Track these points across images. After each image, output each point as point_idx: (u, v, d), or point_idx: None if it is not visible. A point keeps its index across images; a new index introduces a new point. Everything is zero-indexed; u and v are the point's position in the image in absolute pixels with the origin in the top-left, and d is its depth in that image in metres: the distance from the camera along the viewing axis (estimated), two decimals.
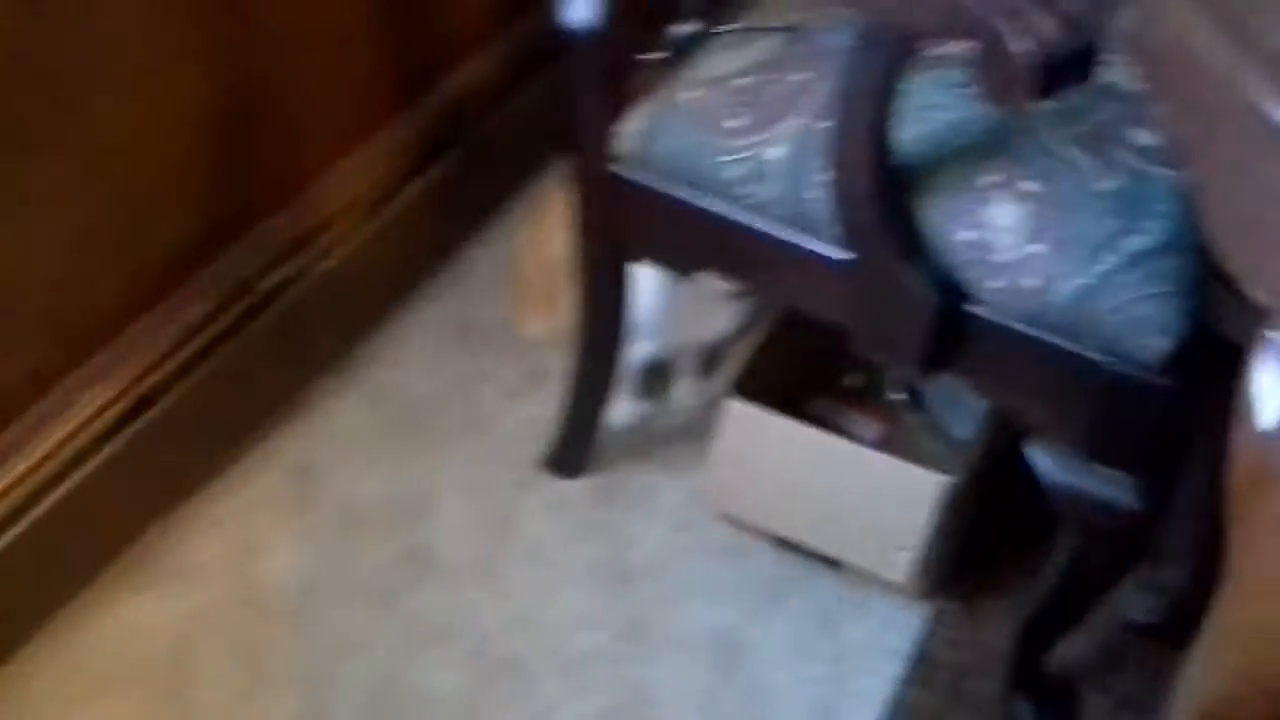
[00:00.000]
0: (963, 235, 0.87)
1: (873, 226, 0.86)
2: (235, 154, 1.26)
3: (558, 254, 1.31)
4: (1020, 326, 0.87)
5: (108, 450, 1.21)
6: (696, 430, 1.34)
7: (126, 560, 1.26)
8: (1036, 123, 0.88)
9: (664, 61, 1.05)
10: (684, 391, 1.42)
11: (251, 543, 1.29)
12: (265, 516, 1.31)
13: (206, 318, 1.29)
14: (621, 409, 1.37)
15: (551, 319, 1.37)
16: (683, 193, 0.99)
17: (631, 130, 1.01)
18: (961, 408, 1.22)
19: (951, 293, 0.88)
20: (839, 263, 0.92)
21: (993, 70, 0.70)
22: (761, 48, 0.99)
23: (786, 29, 1.00)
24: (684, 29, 1.07)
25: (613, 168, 1.03)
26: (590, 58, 0.98)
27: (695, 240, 1.02)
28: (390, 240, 1.47)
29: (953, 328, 0.89)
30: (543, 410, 1.41)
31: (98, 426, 1.20)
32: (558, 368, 1.40)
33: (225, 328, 1.31)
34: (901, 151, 0.87)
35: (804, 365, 1.36)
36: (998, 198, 0.86)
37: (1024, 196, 0.86)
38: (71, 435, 1.19)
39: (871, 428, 1.34)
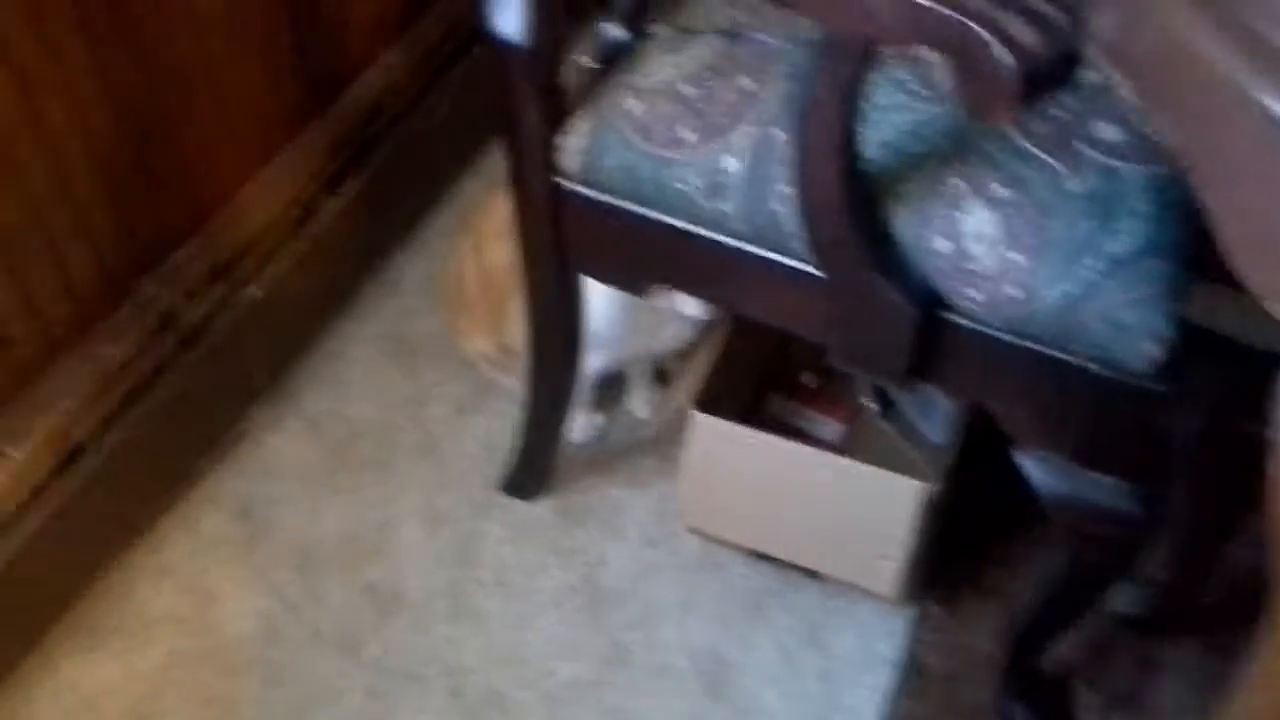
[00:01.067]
0: (937, 244, 0.82)
1: (843, 240, 0.81)
2: (140, 181, 1.18)
3: (501, 265, 1.25)
4: (1005, 335, 0.82)
5: (41, 508, 1.14)
6: (656, 441, 1.29)
7: (71, 620, 1.19)
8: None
9: (595, 68, 0.99)
10: (639, 402, 1.36)
11: (204, 590, 1.22)
12: (215, 560, 1.25)
13: (130, 358, 1.22)
14: (577, 423, 1.32)
15: (498, 334, 1.31)
16: (634, 208, 0.93)
17: (574, 145, 0.94)
18: (933, 409, 1.18)
19: (930, 303, 0.83)
20: (809, 277, 0.86)
21: (971, 83, 0.65)
22: (700, 51, 0.93)
23: (724, 31, 0.94)
24: (612, 32, 1.00)
25: (557, 182, 0.96)
26: (523, 70, 0.91)
27: (651, 257, 0.96)
28: (316, 255, 1.40)
29: (933, 338, 0.84)
30: (493, 426, 1.35)
31: (26, 484, 1.13)
32: (504, 380, 1.35)
33: (151, 366, 1.24)
34: (865, 159, 0.82)
35: (761, 366, 1.32)
36: (969, 204, 0.81)
37: (996, 202, 0.81)
38: None
39: (832, 427, 1.30)
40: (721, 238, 0.90)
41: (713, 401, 1.15)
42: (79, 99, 1.07)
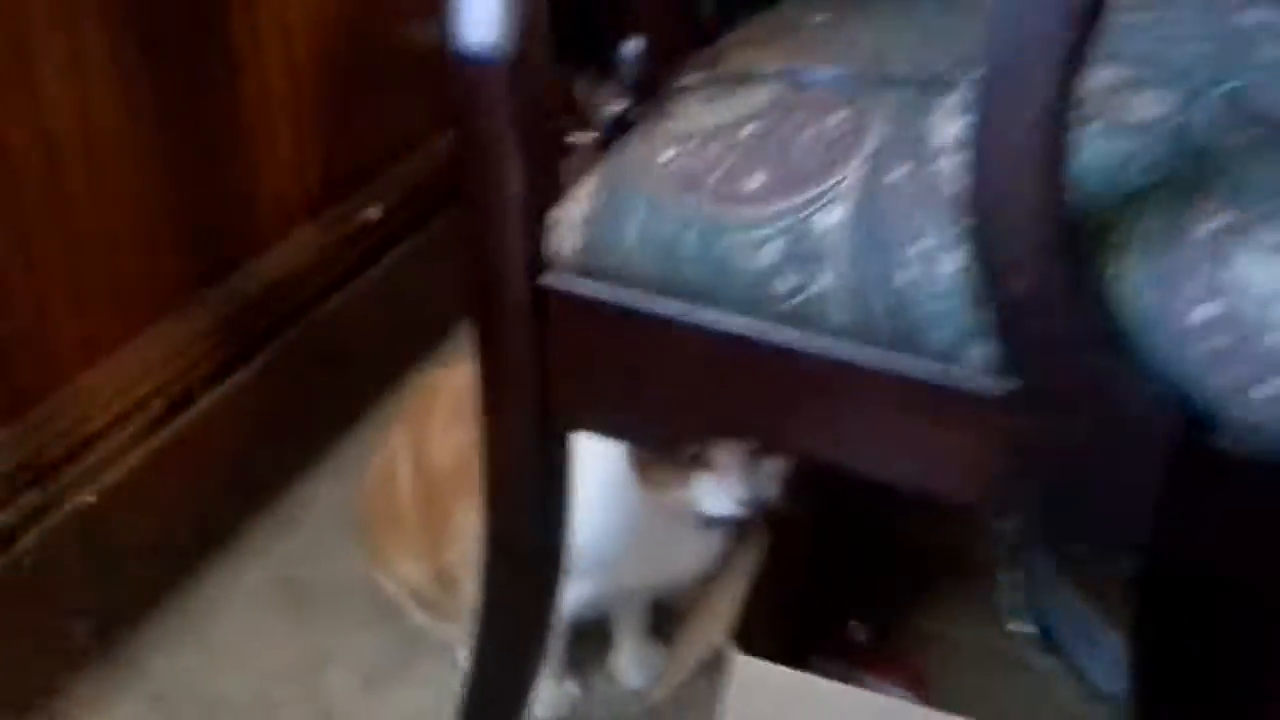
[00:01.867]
0: (1196, 312, 0.50)
1: (1053, 308, 0.49)
2: None
3: (448, 464, 0.91)
4: None
5: None
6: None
7: None
8: (1248, 135, 0.55)
9: (599, 143, 0.70)
10: (629, 663, 0.98)
11: None
12: None
13: None
14: (541, 694, 0.92)
15: (437, 558, 0.94)
16: (665, 305, 0.61)
17: (576, 216, 0.63)
18: (1100, 645, 0.82)
19: (1190, 412, 0.50)
20: (969, 394, 0.54)
21: None
22: (756, 97, 0.64)
23: (783, 74, 0.66)
24: (616, 108, 0.72)
25: (543, 280, 0.64)
26: (501, 98, 0.61)
27: (692, 386, 0.63)
28: (181, 468, 1.04)
29: (1191, 480, 0.51)
30: (417, 698, 0.97)
31: None
32: (437, 629, 0.98)
33: None
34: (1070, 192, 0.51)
35: (800, 611, 0.96)
36: (1236, 251, 0.51)
37: (1275, 248, 0.51)
38: None
39: (895, 693, 0.95)
40: (811, 340, 0.58)
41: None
42: None
